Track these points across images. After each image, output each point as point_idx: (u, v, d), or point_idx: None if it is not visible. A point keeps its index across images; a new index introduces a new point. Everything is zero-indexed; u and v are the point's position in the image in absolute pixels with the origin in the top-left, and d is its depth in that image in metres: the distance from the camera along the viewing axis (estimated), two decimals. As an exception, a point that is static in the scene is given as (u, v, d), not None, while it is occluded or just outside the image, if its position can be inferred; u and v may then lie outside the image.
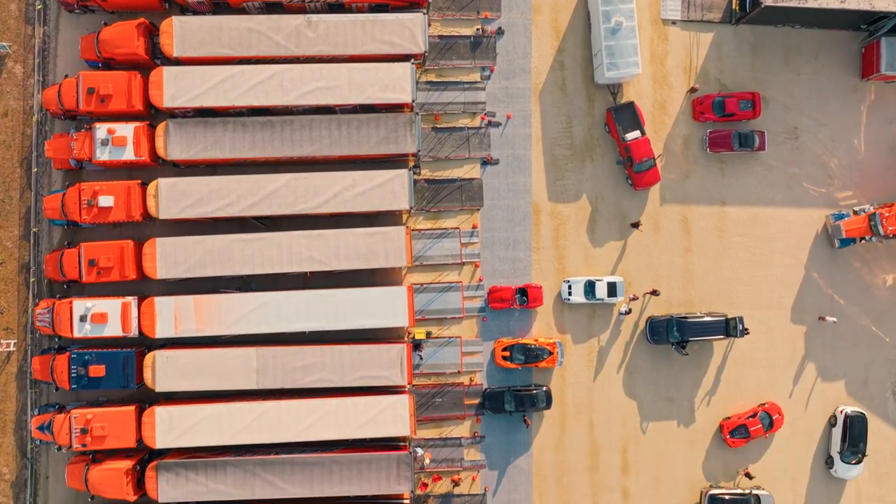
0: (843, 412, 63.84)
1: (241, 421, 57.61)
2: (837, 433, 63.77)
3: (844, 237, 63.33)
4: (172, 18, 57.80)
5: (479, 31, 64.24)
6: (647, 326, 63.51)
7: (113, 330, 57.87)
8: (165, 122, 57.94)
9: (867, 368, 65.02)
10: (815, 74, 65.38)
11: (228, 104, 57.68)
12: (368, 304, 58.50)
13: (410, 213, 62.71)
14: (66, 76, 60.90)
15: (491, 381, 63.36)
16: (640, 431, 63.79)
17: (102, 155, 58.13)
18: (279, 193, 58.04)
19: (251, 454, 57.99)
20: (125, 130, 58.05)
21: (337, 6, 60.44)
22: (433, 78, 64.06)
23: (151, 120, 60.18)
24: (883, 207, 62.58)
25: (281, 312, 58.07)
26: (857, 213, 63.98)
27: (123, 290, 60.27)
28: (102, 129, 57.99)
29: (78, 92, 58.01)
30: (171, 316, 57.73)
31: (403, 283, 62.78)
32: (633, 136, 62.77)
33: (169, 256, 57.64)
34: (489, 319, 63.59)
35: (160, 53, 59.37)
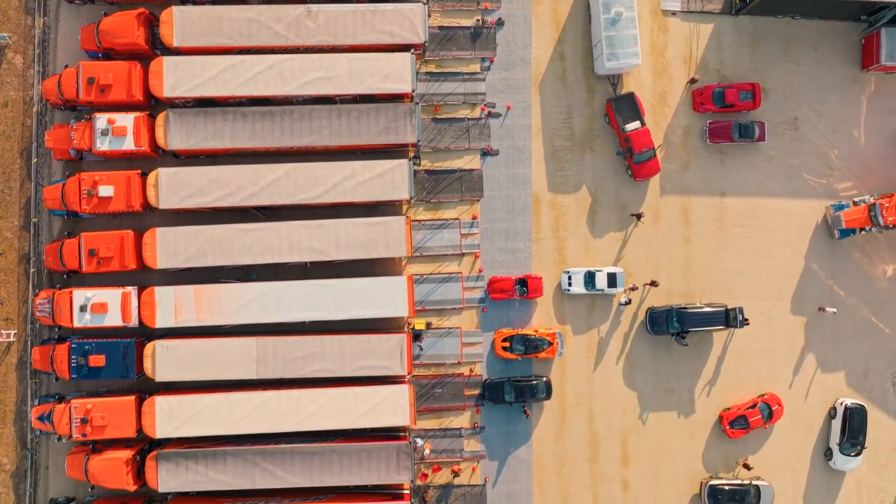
0: (842, 404, 63.79)
1: (240, 411, 57.61)
2: (837, 425, 63.70)
3: (844, 228, 63.32)
4: (172, 8, 57.79)
5: (479, 21, 64.21)
6: (646, 317, 63.47)
7: (113, 320, 57.87)
8: (165, 111, 57.93)
9: (867, 359, 64.99)
10: (815, 65, 65.33)
11: (228, 94, 57.69)
12: (368, 294, 58.48)
13: (410, 203, 62.68)
14: (66, 66, 60.86)
15: (491, 371, 63.35)
16: (640, 422, 63.78)
17: (102, 145, 58.12)
18: (279, 183, 58.03)
19: (251, 444, 58.00)
20: (125, 120, 58.03)
21: (336, -4, 60.57)
22: (433, 69, 64.03)
23: (151, 110, 60.20)
24: (883, 198, 62.49)
25: (281, 302, 58.07)
26: (857, 203, 63.89)
27: (123, 279, 60.22)
28: (102, 119, 57.99)
29: (78, 82, 58.02)
30: (171, 306, 57.72)
31: (403, 273, 62.76)
32: (633, 126, 62.73)
33: (169, 246, 57.64)
34: (489, 310, 63.57)
35: (160, 43, 59.33)
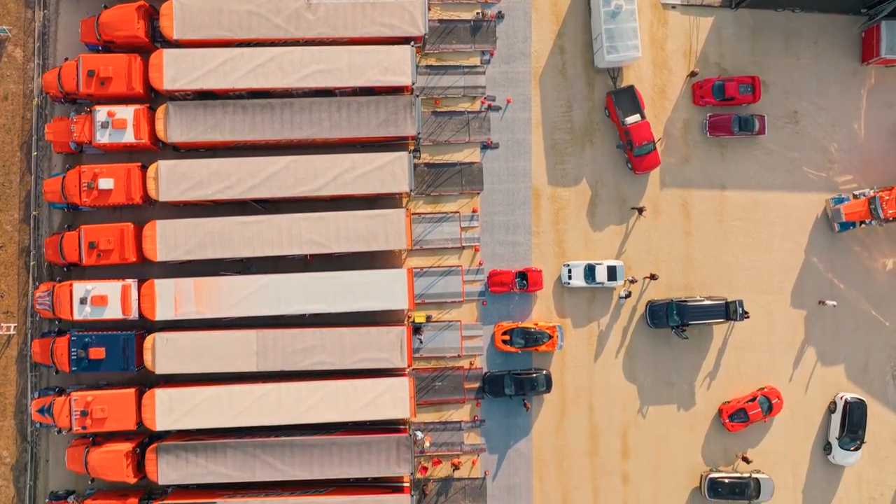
0: (842, 398, 63.75)
1: (240, 403, 57.61)
2: (837, 419, 63.68)
3: (844, 221, 63.31)
4: (172, 1, 57.60)
5: (479, 14, 64.19)
6: (646, 310, 63.45)
7: (113, 312, 57.85)
8: (165, 104, 57.89)
9: (867, 353, 64.97)
10: (815, 58, 65.32)
11: (228, 87, 57.62)
12: (368, 286, 58.48)
13: (410, 196, 62.66)
14: (66, 59, 60.84)
15: (491, 364, 63.35)
16: (639, 415, 63.79)
17: (102, 138, 58.08)
18: (279, 176, 58.02)
19: (251, 436, 58.02)
20: (125, 113, 58.00)
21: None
22: (433, 62, 64.01)
23: (151, 103, 60.19)
24: (883, 191, 62.45)
25: (281, 295, 58.08)
26: (857, 197, 63.91)
27: (123, 272, 60.26)
28: (102, 111, 57.94)
29: (78, 75, 58.00)
30: (171, 298, 57.72)
31: (403, 266, 62.75)
32: (632, 119, 62.73)
33: (169, 239, 57.63)
34: (489, 303, 63.57)
35: (160, 36, 59.26)
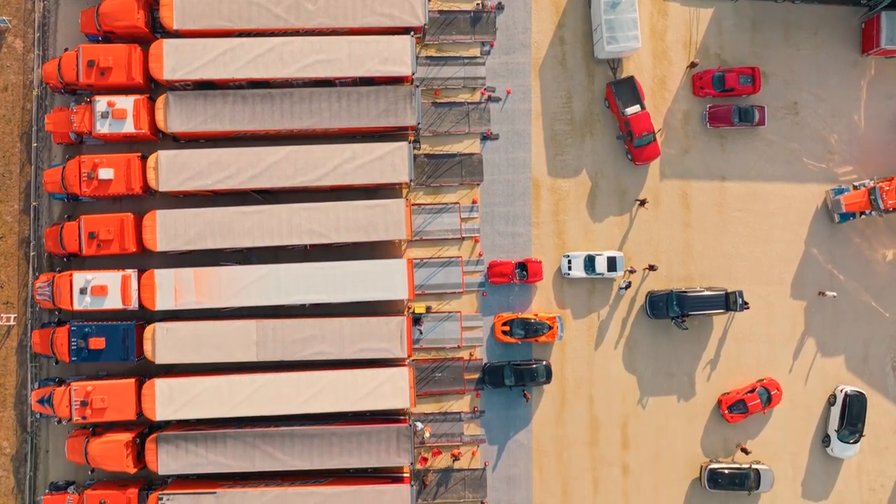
0: (842, 391, 63.70)
1: (240, 393, 57.63)
2: (836, 412, 63.64)
3: (844, 212, 63.28)
4: (172, -9, 57.85)
5: (478, 5, 64.15)
6: (646, 301, 63.44)
7: (113, 302, 57.90)
8: (165, 94, 57.89)
9: (867, 344, 64.94)
10: (814, 49, 65.31)
11: (228, 77, 57.63)
12: (368, 276, 58.49)
13: (410, 186, 62.66)
14: (66, 50, 60.82)
15: (491, 355, 63.35)
16: (639, 406, 63.77)
17: (102, 128, 58.07)
18: (279, 166, 58.02)
19: (251, 426, 58.02)
20: (125, 103, 58.02)
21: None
22: (433, 53, 64.01)
23: (151, 93, 60.19)
24: (883, 181, 62.45)
25: (281, 285, 58.08)
26: (856, 187, 63.90)
27: (123, 262, 60.25)
28: (102, 101, 57.94)
29: (78, 65, 58.01)
30: (171, 288, 57.73)
31: (403, 257, 62.74)
32: (632, 110, 62.72)
33: (169, 229, 57.65)
34: (489, 294, 63.57)
35: (160, 26, 59.25)
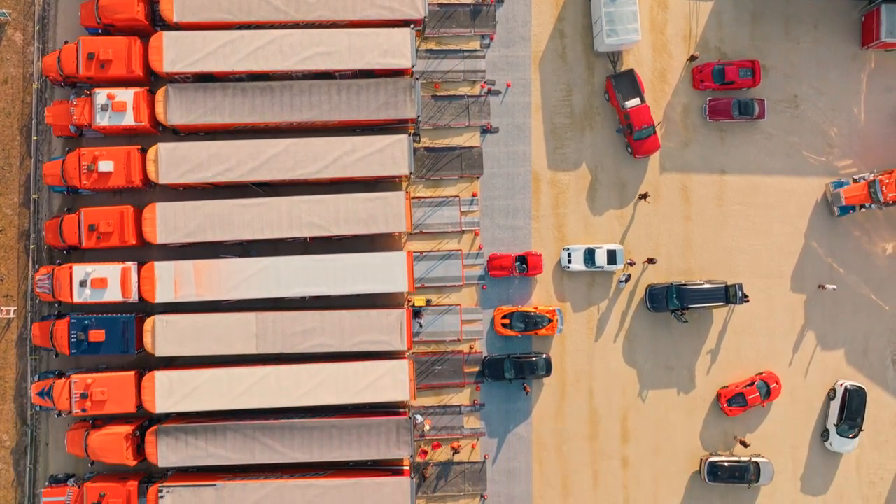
0: (842, 385, 63.72)
1: (240, 386, 57.64)
2: (835, 406, 63.61)
3: (844, 205, 63.24)
4: (172, -17, 57.84)
5: (478, -1, 64.30)
6: (646, 294, 63.44)
7: (113, 295, 57.89)
8: (165, 87, 57.91)
9: (867, 337, 64.93)
10: (814, 43, 65.27)
11: (228, 69, 57.63)
12: (368, 269, 58.48)
13: (410, 179, 62.65)
14: (65, 42, 60.77)
15: (491, 348, 63.36)
16: (639, 399, 63.78)
17: (102, 120, 58.09)
18: (279, 158, 58.01)
19: (251, 419, 58.02)
20: (125, 96, 58.02)
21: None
22: (433, 46, 64.00)
23: (151, 85, 60.19)
24: (883, 175, 62.46)
25: (280, 277, 58.08)
26: (856, 181, 63.85)
27: (123, 255, 60.26)
28: (102, 94, 57.95)
29: (78, 57, 57.98)
30: (170, 281, 57.74)
31: (403, 250, 62.69)
32: (632, 103, 62.68)
33: (169, 221, 57.65)
34: (489, 287, 63.57)
35: (160, 19, 59.28)
